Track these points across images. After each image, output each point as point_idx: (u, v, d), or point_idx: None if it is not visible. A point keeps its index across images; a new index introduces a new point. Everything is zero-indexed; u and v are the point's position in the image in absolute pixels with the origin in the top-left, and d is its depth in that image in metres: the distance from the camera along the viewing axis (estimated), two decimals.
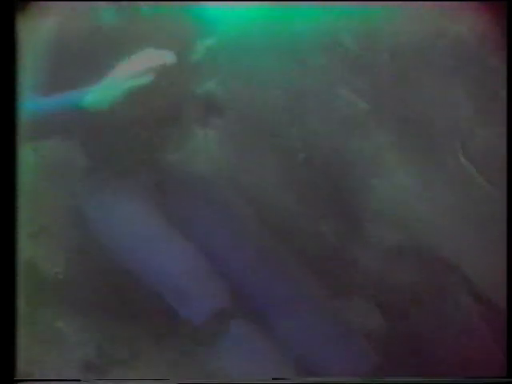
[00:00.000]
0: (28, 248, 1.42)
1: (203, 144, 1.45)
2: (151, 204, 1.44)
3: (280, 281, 1.41)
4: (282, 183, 1.43)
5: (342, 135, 1.42)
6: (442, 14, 1.41)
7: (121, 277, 1.41)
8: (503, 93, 1.35)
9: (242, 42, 1.46)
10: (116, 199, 1.45)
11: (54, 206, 1.45)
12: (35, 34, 1.43)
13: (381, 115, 1.40)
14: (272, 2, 1.46)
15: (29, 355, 1.37)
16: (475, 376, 1.32)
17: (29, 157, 1.44)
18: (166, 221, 1.43)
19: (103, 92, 1.40)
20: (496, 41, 1.38)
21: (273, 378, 1.33)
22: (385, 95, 1.40)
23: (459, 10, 1.41)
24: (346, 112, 1.42)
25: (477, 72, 1.40)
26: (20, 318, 1.36)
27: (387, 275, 1.38)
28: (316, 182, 1.43)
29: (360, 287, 1.38)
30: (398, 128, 1.39)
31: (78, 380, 1.36)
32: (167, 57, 1.40)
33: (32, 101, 1.41)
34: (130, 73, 1.39)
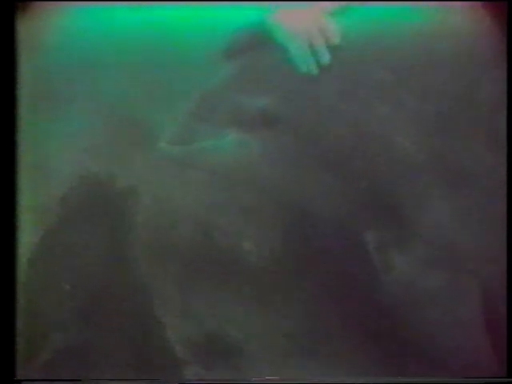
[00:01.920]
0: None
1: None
2: None
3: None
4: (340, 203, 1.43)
5: (400, 177, 1.44)
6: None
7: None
8: None
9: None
10: None
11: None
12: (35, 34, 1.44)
13: (433, 164, 1.44)
14: None
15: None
16: (475, 376, 1.32)
17: None
18: None
19: None
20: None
21: None
22: (437, 146, 1.45)
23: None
24: (402, 156, 1.45)
25: None
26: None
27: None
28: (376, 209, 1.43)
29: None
30: (446, 174, 1.44)
31: (79, 380, 1.36)
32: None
33: None
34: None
